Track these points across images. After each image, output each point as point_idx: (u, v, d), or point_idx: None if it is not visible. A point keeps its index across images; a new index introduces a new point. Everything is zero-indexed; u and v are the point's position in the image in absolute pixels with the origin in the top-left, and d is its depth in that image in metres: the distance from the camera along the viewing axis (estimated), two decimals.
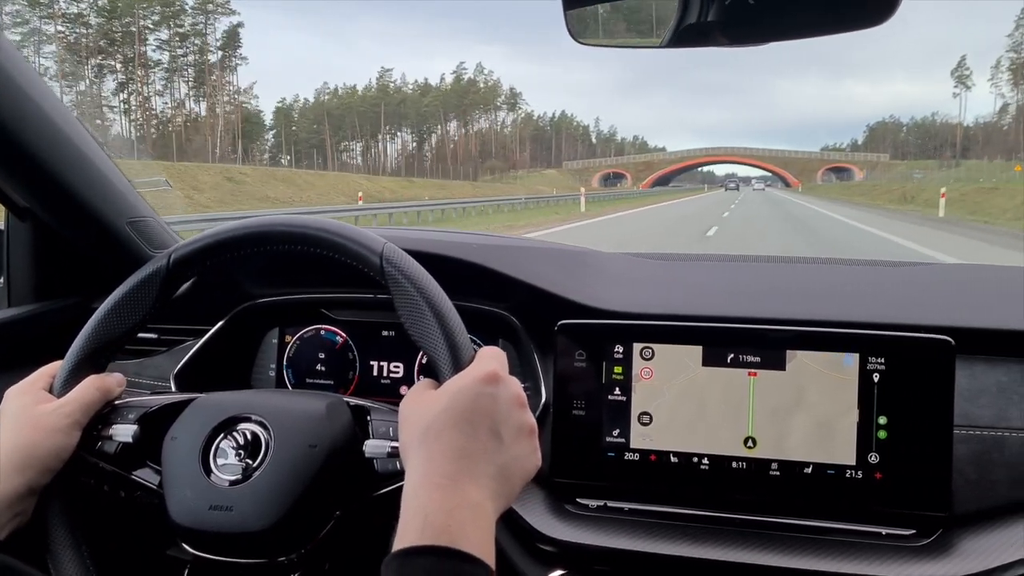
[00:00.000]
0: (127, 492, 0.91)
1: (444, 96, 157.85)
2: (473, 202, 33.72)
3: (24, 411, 0.85)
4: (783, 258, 1.42)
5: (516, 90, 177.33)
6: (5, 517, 0.80)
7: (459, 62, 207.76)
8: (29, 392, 0.88)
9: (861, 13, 0.90)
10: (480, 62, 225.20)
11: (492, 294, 1.22)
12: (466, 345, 0.79)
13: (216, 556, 0.82)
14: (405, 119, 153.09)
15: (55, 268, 1.33)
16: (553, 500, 1.06)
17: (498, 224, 22.16)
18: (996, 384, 1.04)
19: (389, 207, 27.21)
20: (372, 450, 0.85)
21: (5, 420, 0.85)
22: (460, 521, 0.65)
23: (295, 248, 0.87)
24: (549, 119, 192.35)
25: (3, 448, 0.81)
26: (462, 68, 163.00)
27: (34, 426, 0.83)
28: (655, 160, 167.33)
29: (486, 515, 0.68)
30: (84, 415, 0.87)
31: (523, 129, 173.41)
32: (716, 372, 1.02)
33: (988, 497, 0.97)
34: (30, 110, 1.09)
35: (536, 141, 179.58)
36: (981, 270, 1.31)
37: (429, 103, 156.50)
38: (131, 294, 0.91)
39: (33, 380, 0.90)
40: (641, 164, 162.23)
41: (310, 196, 37.42)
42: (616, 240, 16.83)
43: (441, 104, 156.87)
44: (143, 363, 1.33)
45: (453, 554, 0.62)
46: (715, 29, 0.97)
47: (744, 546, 0.96)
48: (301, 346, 1.36)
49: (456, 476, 0.68)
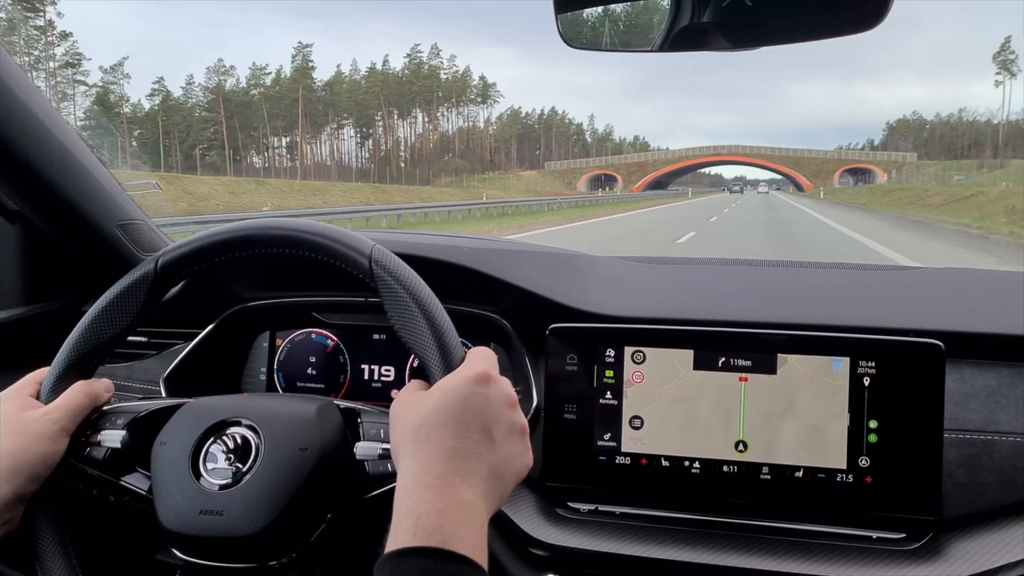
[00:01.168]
0: (116, 497, 0.90)
1: (386, 82, 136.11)
2: (372, 211, 26.45)
3: (11, 417, 0.84)
4: (775, 262, 1.43)
5: (489, 80, 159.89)
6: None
7: (413, 44, 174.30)
8: (16, 398, 0.87)
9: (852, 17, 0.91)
10: (436, 43, 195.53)
11: (483, 297, 1.22)
12: (456, 346, 0.79)
13: (207, 561, 0.82)
14: (335, 108, 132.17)
15: (44, 271, 1.32)
16: (544, 504, 1.06)
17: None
18: (985, 388, 1.04)
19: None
20: (363, 452, 0.84)
21: None
22: (452, 521, 0.65)
23: (284, 251, 0.87)
24: (538, 116, 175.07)
25: None
26: (416, 51, 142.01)
27: (21, 432, 0.82)
28: (650, 160, 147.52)
29: (478, 515, 0.68)
30: (72, 421, 0.86)
31: (508, 127, 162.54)
32: (707, 376, 1.02)
33: (978, 500, 0.98)
34: (18, 112, 1.08)
35: (524, 140, 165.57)
36: (970, 274, 1.31)
37: (367, 91, 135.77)
38: (118, 299, 0.90)
39: (20, 386, 0.89)
40: (634, 165, 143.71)
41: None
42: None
43: (381, 91, 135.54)
44: (132, 367, 1.32)
45: (445, 555, 0.62)
46: (707, 33, 0.97)
47: (735, 550, 0.97)
48: (292, 350, 1.36)
49: (447, 476, 0.67)
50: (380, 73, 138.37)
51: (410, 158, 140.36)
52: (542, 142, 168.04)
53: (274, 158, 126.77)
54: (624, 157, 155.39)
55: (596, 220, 28.29)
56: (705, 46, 0.98)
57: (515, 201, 40.63)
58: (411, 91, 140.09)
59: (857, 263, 1.41)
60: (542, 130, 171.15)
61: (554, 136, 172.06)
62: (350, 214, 23.15)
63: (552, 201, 44.72)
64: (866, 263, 1.42)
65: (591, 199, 56.89)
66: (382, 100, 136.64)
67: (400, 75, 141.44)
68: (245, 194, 39.88)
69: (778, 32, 0.97)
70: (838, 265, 1.39)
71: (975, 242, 19.34)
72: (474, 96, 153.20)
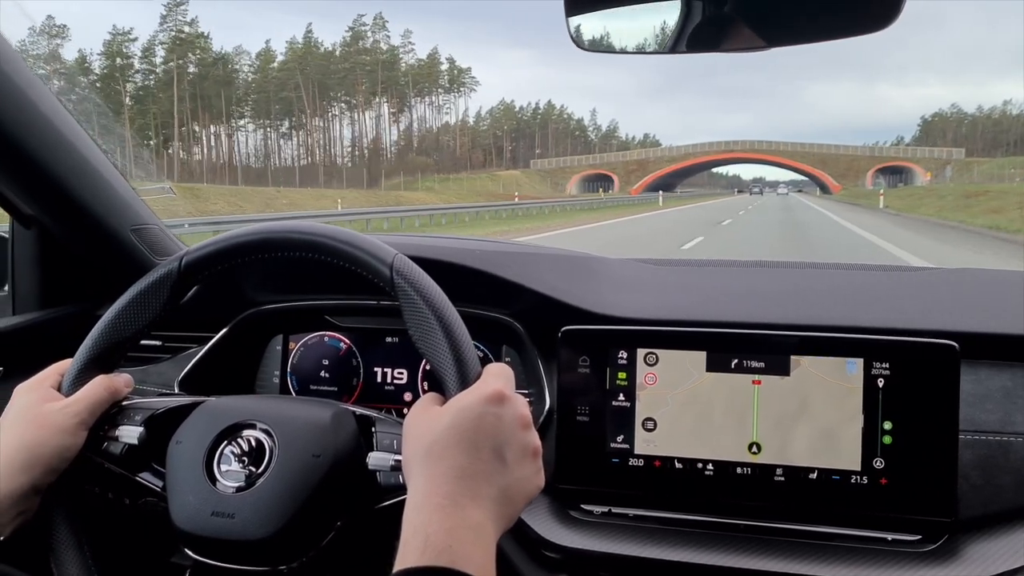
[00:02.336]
0: (132, 500, 0.91)
1: (303, 61, 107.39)
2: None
3: (31, 409, 0.85)
4: (787, 263, 1.42)
5: (462, 66, 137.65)
6: (9, 515, 0.80)
7: (357, 15, 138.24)
8: (37, 389, 0.88)
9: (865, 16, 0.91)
10: (380, 12, 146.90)
11: (496, 300, 1.22)
12: (473, 361, 0.79)
13: (217, 562, 0.82)
14: (237, 89, 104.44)
15: (59, 276, 1.33)
16: (557, 506, 1.06)
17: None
18: (1001, 389, 1.03)
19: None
20: (375, 463, 0.84)
21: (12, 417, 0.85)
22: (461, 541, 0.65)
23: (305, 255, 0.88)
24: (532, 110, 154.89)
25: (9, 446, 0.82)
26: (360, 24, 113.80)
27: (40, 424, 0.83)
28: (651, 158, 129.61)
29: (487, 536, 0.67)
30: (91, 415, 0.87)
31: (499, 122, 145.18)
32: (720, 378, 1.02)
33: (994, 502, 0.97)
34: (34, 118, 1.09)
35: (521, 138, 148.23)
36: (985, 274, 1.30)
37: (280, 70, 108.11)
38: (142, 295, 0.91)
39: (42, 378, 0.90)
40: (633, 164, 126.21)
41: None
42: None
43: (300, 69, 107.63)
44: (147, 370, 1.33)
45: (454, 575, 0.62)
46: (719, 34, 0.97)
47: (749, 552, 0.96)
48: (305, 353, 1.36)
49: (457, 497, 0.67)
50: (301, 48, 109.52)
51: (360, 155, 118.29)
52: (537, 138, 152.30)
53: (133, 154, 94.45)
54: (622, 155, 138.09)
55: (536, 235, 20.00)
56: (718, 47, 0.98)
57: (444, 208, 32.99)
58: (338, 72, 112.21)
59: (871, 264, 1.40)
60: (537, 126, 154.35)
61: (551, 133, 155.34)
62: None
63: (508, 206, 37.00)
64: (880, 264, 1.42)
65: (564, 203, 48.46)
66: (300, 80, 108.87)
67: (333, 51, 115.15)
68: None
69: (790, 33, 0.97)
70: (852, 266, 1.38)
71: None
72: (444, 84, 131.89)
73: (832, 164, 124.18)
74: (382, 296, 0.83)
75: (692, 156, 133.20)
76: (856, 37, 0.91)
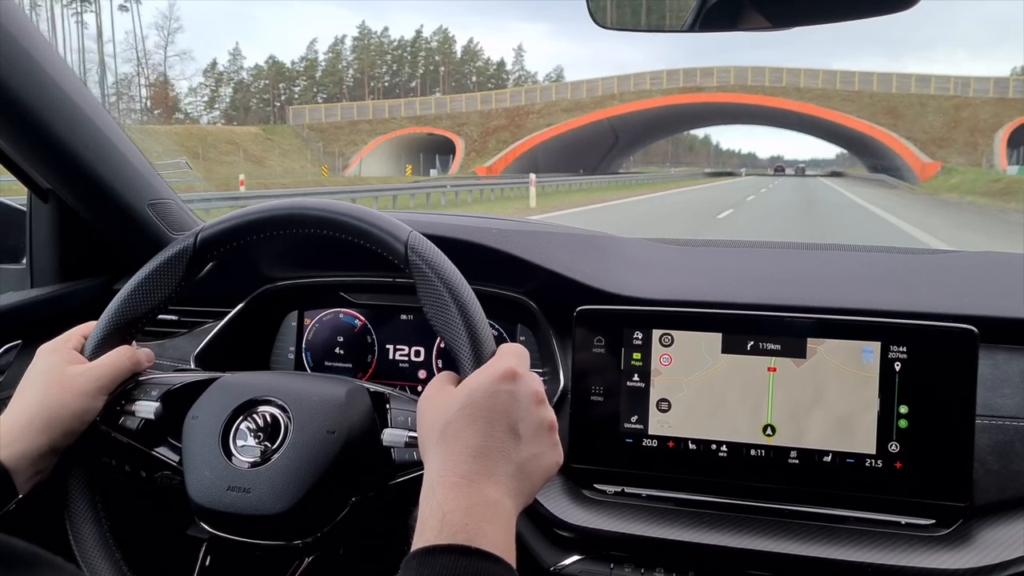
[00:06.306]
0: (148, 473, 0.92)
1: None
2: None
3: (54, 370, 0.86)
4: (804, 244, 1.41)
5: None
6: (27, 474, 0.81)
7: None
8: (61, 350, 0.89)
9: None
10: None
11: (511, 279, 1.22)
12: (488, 339, 0.79)
13: (233, 536, 0.83)
14: None
15: (77, 249, 1.34)
16: (571, 486, 1.07)
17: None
18: (1019, 373, 1.03)
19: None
20: (390, 439, 0.85)
21: (34, 377, 0.86)
22: (478, 519, 0.65)
23: (321, 232, 0.88)
24: (410, 41, 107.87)
25: (30, 405, 0.83)
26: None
27: (63, 387, 0.85)
28: (535, 105, 69.19)
29: (505, 513, 0.68)
30: (112, 382, 0.88)
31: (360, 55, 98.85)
32: (736, 360, 1.01)
33: (1010, 487, 0.96)
34: (52, 92, 1.09)
35: (389, 75, 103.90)
36: (1005, 258, 1.29)
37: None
38: (158, 271, 0.92)
39: (66, 338, 0.91)
40: (500, 116, 68.58)
41: None
42: None
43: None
44: (163, 344, 1.34)
45: (472, 552, 0.62)
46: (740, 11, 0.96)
47: (762, 534, 0.96)
48: (320, 329, 1.37)
49: (473, 475, 0.68)
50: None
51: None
52: (419, 82, 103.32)
53: None
54: (478, 96, 75.31)
55: None
56: (738, 25, 0.97)
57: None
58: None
59: (889, 246, 1.39)
60: (408, 61, 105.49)
61: (443, 76, 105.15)
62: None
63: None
64: (899, 247, 1.40)
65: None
66: None
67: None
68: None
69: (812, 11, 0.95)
70: (870, 248, 1.37)
71: None
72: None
73: (916, 119, 61.74)
74: (396, 273, 0.83)
75: (621, 99, 66.49)
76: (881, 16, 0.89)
